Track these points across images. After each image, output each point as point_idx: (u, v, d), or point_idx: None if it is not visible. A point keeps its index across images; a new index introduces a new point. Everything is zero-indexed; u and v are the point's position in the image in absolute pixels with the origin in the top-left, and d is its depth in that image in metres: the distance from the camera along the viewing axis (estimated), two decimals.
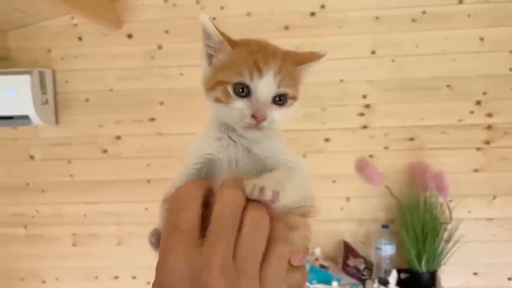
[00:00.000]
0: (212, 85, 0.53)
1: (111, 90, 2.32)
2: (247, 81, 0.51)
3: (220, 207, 0.39)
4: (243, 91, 0.51)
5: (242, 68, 0.51)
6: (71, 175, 2.37)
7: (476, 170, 2.18)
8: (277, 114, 0.52)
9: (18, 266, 2.45)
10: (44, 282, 2.44)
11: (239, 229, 0.39)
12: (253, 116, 0.50)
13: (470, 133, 2.17)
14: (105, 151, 2.34)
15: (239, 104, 0.51)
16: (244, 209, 0.40)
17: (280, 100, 0.53)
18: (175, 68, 2.26)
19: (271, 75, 0.51)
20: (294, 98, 0.55)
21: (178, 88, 2.27)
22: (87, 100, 2.33)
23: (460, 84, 2.16)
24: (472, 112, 2.16)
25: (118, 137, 2.33)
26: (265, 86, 0.51)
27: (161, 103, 2.29)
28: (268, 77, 0.51)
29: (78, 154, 2.36)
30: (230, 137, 0.52)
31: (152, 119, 2.31)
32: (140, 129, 2.32)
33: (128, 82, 2.30)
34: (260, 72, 0.51)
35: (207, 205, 0.41)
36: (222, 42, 0.54)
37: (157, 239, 0.45)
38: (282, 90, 0.52)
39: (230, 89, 0.51)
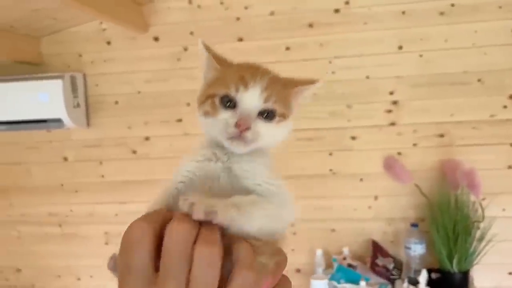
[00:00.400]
0: (203, 99, 0.54)
1: (139, 92, 2.37)
2: (232, 93, 0.51)
3: (169, 243, 0.38)
4: (230, 104, 0.52)
5: (229, 82, 0.52)
6: (103, 176, 2.44)
7: (510, 167, 2.10)
8: (262, 128, 0.52)
9: (54, 264, 2.55)
10: (79, 279, 2.53)
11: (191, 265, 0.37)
12: (237, 125, 0.50)
13: (504, 128, 2.09)
14: (134, 152, 2.40)
15: (225, 115, 0.52)
16: (195, 242, 0.38)
17: (267, 115, 0.53)
18: (199, 70, 2.28)
19: (257, 90, 0.52)
20: (283, 116, 0.54)
21: None
22: (116, 102, 2.39)
23: (492, 78, 2.09)
24: (505, 106, 2.08)
25: (147, 138, 2.38)
26: (250, 98, 0.51)
27: (188, 104, 2.33)
28: (254, 91, 0.52)
29: (109, 155, 2.43)
30: (214, 154, 0.52)
31: (179, 120, 2.34)
32: (168, 130, 2.36)
33: (155, 84, 2.35)
34: (246, 85, 0.51)
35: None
36: (210, 59, 0.56)
37: (114, 264, 0.45)
38: (269, 105, 0.52)
39: (217, 101, 0.52)
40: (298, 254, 2.30)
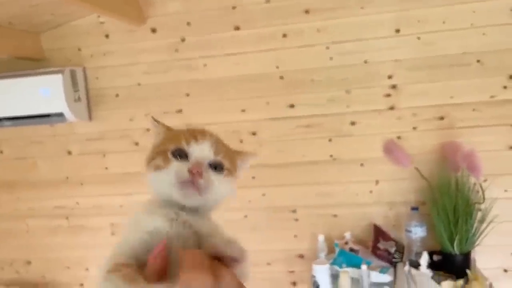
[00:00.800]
0: (152, 156, 0.56)
1: (139, 84, 2.39)
2: (184, 147, 0.54)
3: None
4: (181, 156, 0.53)
5: (180, 138, 0.54)
6: (107, 168, 2.48)
7: (511, 148, 2.09)
8: (214, 177, 0.53)
9: (63, 255, 2.60)
10: (87, 270, 2.58)
11: None
12: (190, 171, 0.51)
13: (504, 109, 2.08)
14: (136, 143, 2.42)
15: (177, 165, 0.53)
16: None
17: (216, 168, 0.54)
18: (198, 60, 2.30)
19: (207, 143, 0.54)
20: (230, 172, 0.56)
21: (203, 79, 2.30)
22: (117, 95, 2.41)
23: (491, 59, 2.07)
24: (505, 87, 2.07)
25: (149, 130, 2.40)
26: (201, 150, 0.54)
27: (187, 95, 2.34)
28: (205, 144, 0.54)
29: (112, 147, 2.46)
30: (175, 214, 0.53)
31: (179, 111, 2.36)
32: (168, 120, 2.33)
33: (154, 75, 2.36)
34: (197, 140, 0.54)
35: None
36: (160, 126, 0.60)
37: None
38: (218, 158, 0.54)
39: (169, 154, 0.54)
40: (300, 240, 2.33)
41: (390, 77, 2.16)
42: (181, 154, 0.53)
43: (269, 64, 2.25)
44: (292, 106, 2.26)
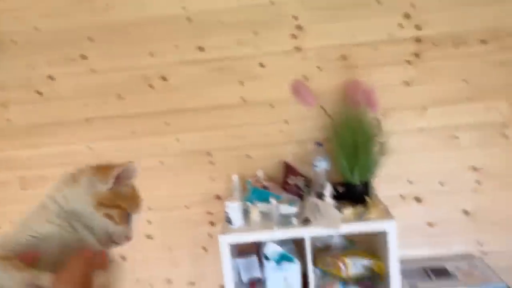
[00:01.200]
0: (108, 204, 0.70)
1: (37, 29, 2.24)
2: (133, 213, 0.73)
3: None
4: (128, 220, 0.73)
5: (136, 204, 0.74)
6: (9, 120, 2.34)
7: (407, 83, 2.24)
8: None
9: None
10: None
11: None
12: (128, 238, 0.72)
13: (400, 47, 2.20)
14: (40, 93, 2.30)
15: (123, 228, 0.71)
16: None
17: None
18: (100, 1, 2.19)
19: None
20: None
21: (106, 22, 2.21)
22: (14, 41, 2.25)
23: None
24: (400, 25, 2.18)
25: (51, 78, 2.29)
26: (136, 218, 0.75)
27: (91, 39, 2.24)
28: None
29: (13, 98, 2.32)
30: (72, 225, 0.68)
31: (84, 57, 2.26)
32: (72, 68, 2.27)
33: (53, 19, 2.22)
34: (140, 209, 0.75)
35: None
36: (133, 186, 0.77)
37: None
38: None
39: (124, 216, 0.71)
40: (217, 182, 2.39)
41: (295, 18, 2.19)
42: (129, 219, 0.73)
43: (175, 5, 2.19)
44: (201, 49, 2.24)
